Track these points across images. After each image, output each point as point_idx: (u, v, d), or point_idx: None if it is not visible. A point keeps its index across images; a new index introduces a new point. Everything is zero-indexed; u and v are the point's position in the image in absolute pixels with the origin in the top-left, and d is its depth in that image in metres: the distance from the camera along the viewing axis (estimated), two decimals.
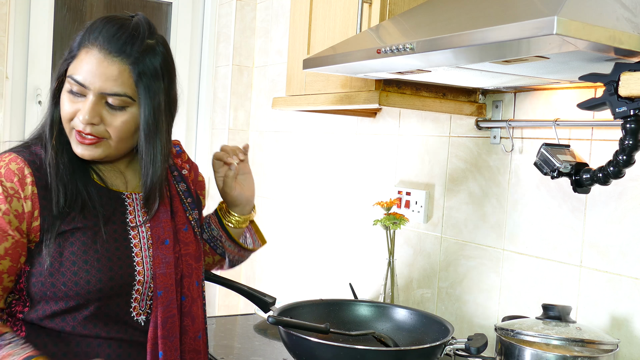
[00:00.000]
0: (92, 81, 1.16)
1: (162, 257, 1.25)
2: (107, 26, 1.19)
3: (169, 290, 1.26)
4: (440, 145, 1.90)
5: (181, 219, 1.32)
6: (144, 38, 1.20)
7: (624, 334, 1.42)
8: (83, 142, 1.19)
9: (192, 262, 1.32)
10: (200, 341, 1.33)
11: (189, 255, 1.31)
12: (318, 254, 2.44)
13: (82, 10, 2.75)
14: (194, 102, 3.00)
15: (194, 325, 1.31)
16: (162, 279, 1.25)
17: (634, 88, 1.10)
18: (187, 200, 1.37)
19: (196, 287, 1.33)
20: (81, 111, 1.17)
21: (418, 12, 1.42)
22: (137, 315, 1.25)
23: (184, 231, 1.32)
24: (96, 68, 1.16)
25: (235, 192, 1.43)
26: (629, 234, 1.42)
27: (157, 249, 1.26)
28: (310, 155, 2.50)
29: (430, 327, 1.56)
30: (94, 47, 1.17)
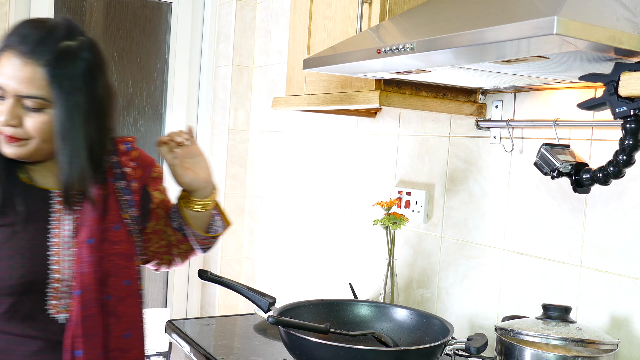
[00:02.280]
0: (9, 84, 1.18)
1: (83, 256, 1.25)
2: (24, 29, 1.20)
3: (88, 289, 1.25)
4: (440, 145, 1.90)
5: (113, 217, 1.32)
6: (59, 40, 1.21)
7: (624, 334, 1.42)
8: (9, 142, 1.22)
9: (120, 262, 1.31)
10: (129, 340, 1.33)
11: (118, 254, 1.31)
12: (318, 254, 2.44)
13: (82, 10, 2.75)
14: (194, 102, 3.00)
15: (120, 324, 1.31)
16: (80, 278, 1.24)
17: (634, 88, 1.10)
18: (124, 199, 1.36)
19: (125, 286, 1.32)
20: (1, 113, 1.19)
21: (418, 12, 1.42)
22: (56, 313, 1.25)
23: (114, 230, 1.31)
24: (12, 71, 1.18)
25: (187, 177, 1.41)
26: (629, 234, 1.42)
27: (79, 247, 1.26)
28: (310, 155, 2.50)
29: (430, 327, 1.56)
30: (10, 50, 1.19)
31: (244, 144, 2.91)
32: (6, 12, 2.46)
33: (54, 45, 1.20)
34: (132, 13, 2.87)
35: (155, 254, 1.50)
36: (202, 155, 1.44)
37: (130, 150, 1.42)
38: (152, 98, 2.94)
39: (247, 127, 2.91)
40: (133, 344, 1.34)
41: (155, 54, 2.93)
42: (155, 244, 1.48)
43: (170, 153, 1.40)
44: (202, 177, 1.42)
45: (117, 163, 1.38)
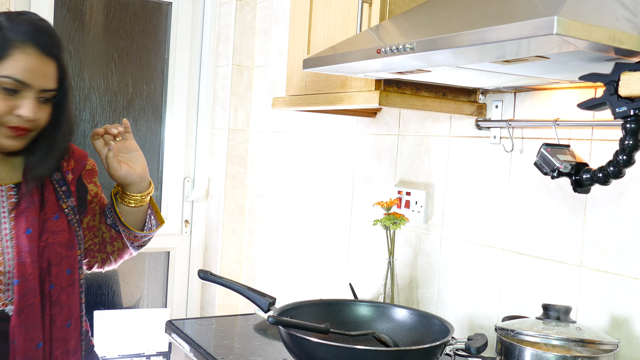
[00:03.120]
0: (33, 79, 1.23)
1: (22, 247, 1.27)
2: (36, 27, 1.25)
3: (28, 279, 1.27)
4: (440, 145, 1.90)
5: (51, 207, 1.35)
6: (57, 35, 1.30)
7: (624, 334, 1.42)
8: (19, 136, 1.26)
9: (61, 251, 1.34)
10: (71, 329, 1.35)
11: (58, 243, 1.33)
12: (318, 254, 2.44)
13: (82, 10, 2.75)
14: (194, 102, 3.00)
15: (62, 314, 1.33)
16: (19, 267, 1.27)
17: (634, 88, 1.10)
18: (61, 189, 1.39)
19: (67, 275, 1.34)
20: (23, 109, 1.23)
21: (418, 12, 1.42)
22: (4, 306, 1.27)
23: (54, 220, 1.34)
24: (35, 67, 1.23)
25: (121, 171, 1.42)
26: (629, 234, 1.42)
27: (19, 238, 1.28)
28: (310, 155, 2.50)
29: (430, 327, 1.57)
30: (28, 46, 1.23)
31: (244, 144, 2.91)
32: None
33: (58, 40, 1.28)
34: (132, 13, 2.87)
35: (88, 251, 1.50)
36: (138, 151, 1.46)
37: None
38: (152, 98, 2.94)
39: (247, 127, 2.91)
40: (72, 333, 1.36)
41: (155, 54, 2.93)
42: (89, 241, 1.49)
43: (105, 146, 1.41)
44: (137, 172, 1.44)
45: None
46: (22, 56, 1.22)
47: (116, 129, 1.42)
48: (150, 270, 3.00)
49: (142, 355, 2.70)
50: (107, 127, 1.43)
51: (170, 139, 2.96)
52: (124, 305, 2.94)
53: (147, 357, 2.71)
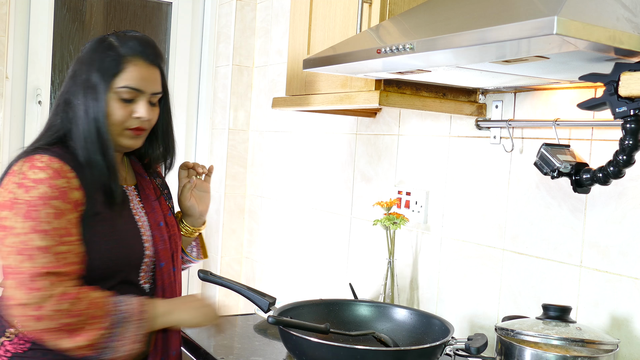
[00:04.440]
0: (145, 85, 1.44)
1: (160, 236, 1.53)
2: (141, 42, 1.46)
3: (168, 262, 1.53)
4: (440, 145, 1.90)
5: (164, 206, 1.60)
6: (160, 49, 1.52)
7: (624, 334, 1.42)
8: (138, 135, 1.48)
9: (178, 241, 1.60)
10: None
11: (175, 235, 1.59)
12: (318, 254, 2.44)
13: (82, 10, 2.75)
14: (194, 102, 3.00)
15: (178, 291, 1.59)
16: (162, 253, 1.52)
17: (634, 88, 1.10)
18: (164, 192, 1.64)
19: (181, 260, 1.63)
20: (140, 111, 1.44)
21: (418, 12, 1.42)
22: (144, 284, 1.51)
23: (169, 216, 1.60)
24: (145, 75, 1.44)
25: (188, 202, 1.66)
26: (629, 234, 1.42)
27: (155, 229, 1.53)
28: (310, 155, 2.50)
29: (430, 327, 1.57)
30: (138, 59, 1.44)
31: (244, 144, 2.91)
32: (6, 12, 2.45)
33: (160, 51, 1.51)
34: (132, 13, 2.87)
35: None
36: (209, 194, 1.70)
37: None
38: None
39: (247, 127, 2.91)
40: None
41: None
42: None
43: (187, 177, 1.67)
44: (199, 209, 1.68)
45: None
46: (133, 68, 1.43)
47: (202, 169, 1.68)
48: None
49: None
50: (197, 164, 1.68)
51: None
52: None
53: None
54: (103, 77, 1.41)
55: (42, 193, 1.33)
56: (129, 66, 1.42)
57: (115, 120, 1.43)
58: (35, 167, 1.35)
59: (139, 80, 1.43)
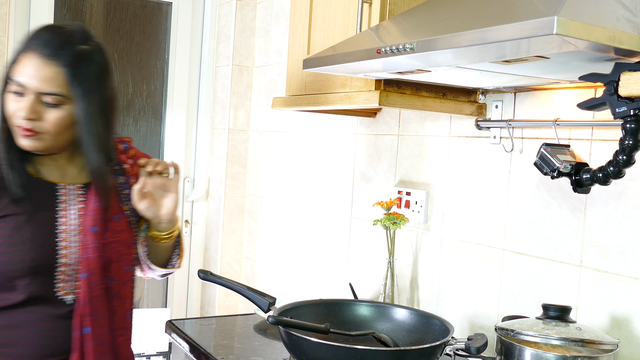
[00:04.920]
0: (30, 82, 1.31)
1: (88, 243, 1.38)
2: (45, 34, 1.35)
3: (94, 273, 1.37)
4: (440, 145, 1.90)
5: (114, 209, 1.43)
6: (77, 44, 1.35)
7: (624, 334, 1.42)
8: (26, 135, 1.33)
9: (121, 249, 1.43)
10: (129, 319, 1.49)
11: (119, 242, 1.43)
12: (318, 254, 2.44)
13: (82, 10, 2.75)
14: (194, 102, 3.00)
15: (123, 306, 1.44)
16: (86, 262, 1.37)
17: (634, 88, 1.10)
18: (123, 192, 1.47)
19: (126, 271, 1.45)
20: (22, 108, 1.31)
21: (418, 12, 1.42)
22: (64, 295, 1.37)
23: (115, 220, 1.43)
24: (34, 71, 1.31)
25: (141, 205, 1.44)
26: (629, 234, 1.42)
27: (85, 235, 1.38)
28: (310, 155, 2.50)
29: (430, 327, 1.56)
30: (32, 52, 1.32)
31: (244, 144, 2.91)
32: (6, 12, 2.45)
33: (73, 48, 1.34)
34: (132, 13, 2.87)
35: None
36: (174, 195, 1.47)
37: (128, 149, 1.54)
38: (152, 98, 2.94)
39: (247, 127, 2.91)
40: (129, 323, 1.49)
41: (155, 54, 2.93)
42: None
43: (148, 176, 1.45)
44: (159, 213, 1.46)
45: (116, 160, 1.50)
46: (25, 61, 1.32)
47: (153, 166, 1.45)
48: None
49: (142, 355, 2.70)
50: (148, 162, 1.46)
51: (170, 139, 2.96)
52: None
53: (147, 357, 2.71)
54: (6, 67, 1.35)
55: None
56: (22, 59, 1.33)
57: (5, 115, 1.35)
58: None
59: (25, 75, 1.31)
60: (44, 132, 1.34)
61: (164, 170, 1.46)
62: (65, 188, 1.41)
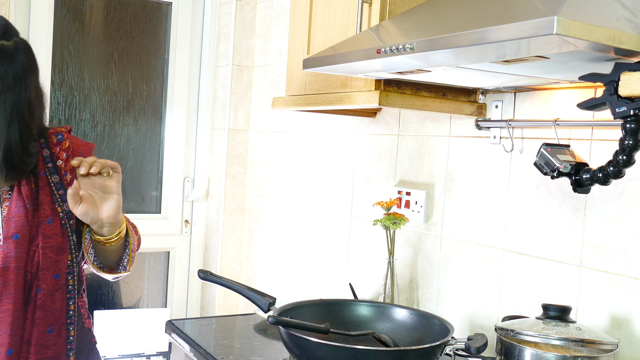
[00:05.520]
0: None
1: (8, 252, 1.26)
2: None
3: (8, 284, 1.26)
4: (440, 145, 1.90)
5: (45, 211, 1.32)
6: None
7: (624, 334, 1.42)
8: None
9: (52, 255, 1.31)
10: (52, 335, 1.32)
11: (50, 247, 1.30)
12: (318, 254, 2.44)
13: (82, 10, 2.75)
14: (194, 102, 3.00)
15: (45, 319, 1.30)
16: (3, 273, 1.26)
17: (634, 88, 1.10)
18: (58, 192, 1.35)
19: (54, 279, 1.31)
20: None
21: (418, 12, 1.42)
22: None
23: (47, 224, 1.31)
24: None
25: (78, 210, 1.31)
26: (629, 234, 1.42)
27: (6, 243, 1.27)
28: (310, 155, 2.50)
29: (430, 327, 1.56)
30: None
31: (244, 144, 2.91)
32: (6, 12, 2.45)
33: None
34: (132, 13, 2.87)
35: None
36: (117, 196, 1.34)
37: (62, 141, 1.39)
38: (152, 98, 2.94)
39: (247, 127, 2.91)
40: (54, 340, 1.32)
41: (155, 54, 2.93)
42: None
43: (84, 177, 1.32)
44: (99, 215, 1.32)
45: (50, 156, 1.37)
46: None
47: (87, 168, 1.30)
48: (150, 270, 3.00)
49: (142, 355, 2.70)
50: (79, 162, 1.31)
51: (170, 139, 2.96)
52: (124, 305, 2.94)
53: (147, 357, 2.71)
54: None
55: None
56: None
57: None
58: None
59: None
60: None
61: (102, 170, 1.31)
62: None
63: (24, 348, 1.28)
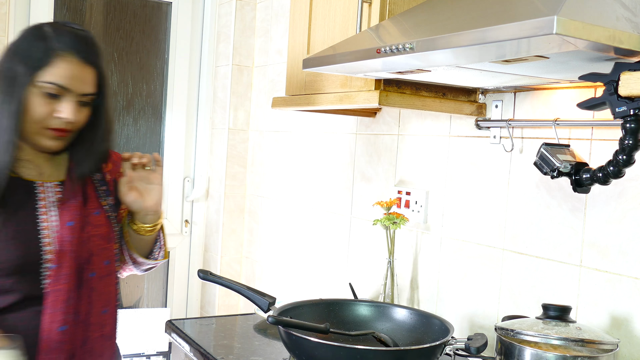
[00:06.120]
0: (74, 84, 1.33)
1: (64, 237, 1.37)
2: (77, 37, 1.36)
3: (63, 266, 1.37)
4: (440, 145, 1.90)
5: (93, 204, 1.45)
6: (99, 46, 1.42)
7: (624, 334, 1.42)
8: (60, 137, 1.37)
9: (101, 242, 1.43)
10: (107, 315, 1.45)
11: (99, 236, 1.43)
12: (318, 254, 2.44)
13: (81, 10, 2.75)
14: (194, 102, 3.00)
15: (100, 301, 1.42)
16: (59, 255, 1.36)
17: (634, 88, 1.10)
18: (100, 188, 1.49)
19: (105, 265, 1.44)
20: (64, 112, 1.33)
21: (418, 11, 1.42)
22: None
23: (95, 215, 1.44)
24: (76, 73, 1.33)
25: (128, 197, 1.46)
26: (629, 234, 1.42)
27: (61, 229, 1.38)
28: (310, 155, 2.50)
29: (430, 327, 1.56)
30: (70, 55, 1.33)
31: (243, 143, 2.91)
32: (6, 12, 2.45)
33: (98, 49, 1.40)
34: (132, 13, 2.87)
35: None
36: (159, 186, 1.50)
37: None
38: (152, 98, 2.94)
39: (247, 127, 2.91)
40: (108, 320, 1.45)
41: (155, 54, 2.93)
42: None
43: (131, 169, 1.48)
44: (145, 204, 1.48)
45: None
46: (63, 63, 1.32)
47: (138, 158, 1.48)
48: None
49: (142, 355, 2.70)
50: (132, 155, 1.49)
51: (170, 139, 2.96)
52: (124, 305, 2.94)
53: (147, 357, 2.71)
54: (26, 68, 1.31)
55: None
56: (58, 61, 1.32)
57: (34, 117, 1.33)
58: None
59: (68, 78, 1.32)
60: (73, 130, 1.38)
61: (148, 162, 1.48)
62: (42, 186, 1.40)
63: (80, 327, 1.39)
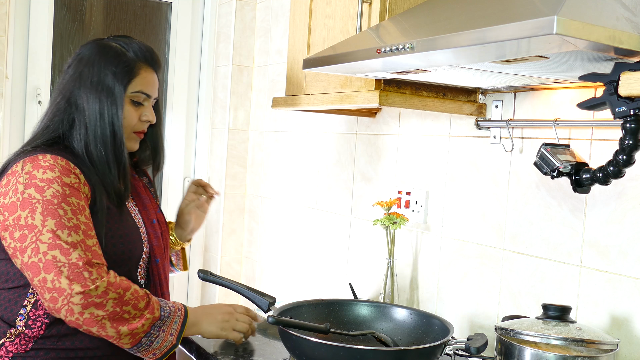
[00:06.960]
0: (152, 90, 1.55)
1: (154, 233, 1.59)
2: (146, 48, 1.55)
3: (162, 258, 1.60)
4: (440, 145, 1.90)
5: (154, 204, 1.66)
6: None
7: (624, 334, 1.42)
8: (140, 138, 1.58)
9: (168, 237, 1.68)
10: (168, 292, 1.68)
11: (165, 231, 1.66)
12: (318, 254, 2.44)
13: (82, 10, 2.75)
14: (194, 102, 3.00)
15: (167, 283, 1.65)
16: (157, 249, 1.58)
17: (634, 88, 1.10)
18: (151, 190, 1.71)
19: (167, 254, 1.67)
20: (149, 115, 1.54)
21: (418, 11, 1.42)
22: (140, 279, 1.55)
23: (159, 213, 1.66)
24: (153, 81, 1.55)
25: (187, 216, 1.78)
26: (629, 234, 1.42)
27: (150, 226, 1.58)
28: (310, 155, 2.50)
29: (430, 327, 1.56)
30: (149, 66, 1.54)
31: (243, 143, 2.91)
32: (6, 12, 2.45)
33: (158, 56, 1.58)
34: (132, 13, 2.87)
35: None
36: (205, 215, 1.81)
37: None
38: None
39: (247, 127, 2.91)
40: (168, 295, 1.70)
41: None
42: None
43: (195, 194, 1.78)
44: (193, 226, 1.79)
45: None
46: (145, 73, 1.52)
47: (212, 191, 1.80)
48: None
49: None
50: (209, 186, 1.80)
51: (170, 139, 2.96)
52: None
53: None
54: (119, 81, 1.47)
55: (56, 191, 1.35)
56: (141, 72, 1.51)
57: (128, 123, 1.51)
58: (41, 167, 1.37)
59: (149, 86, 1.53)
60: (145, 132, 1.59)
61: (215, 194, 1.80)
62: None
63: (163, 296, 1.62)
